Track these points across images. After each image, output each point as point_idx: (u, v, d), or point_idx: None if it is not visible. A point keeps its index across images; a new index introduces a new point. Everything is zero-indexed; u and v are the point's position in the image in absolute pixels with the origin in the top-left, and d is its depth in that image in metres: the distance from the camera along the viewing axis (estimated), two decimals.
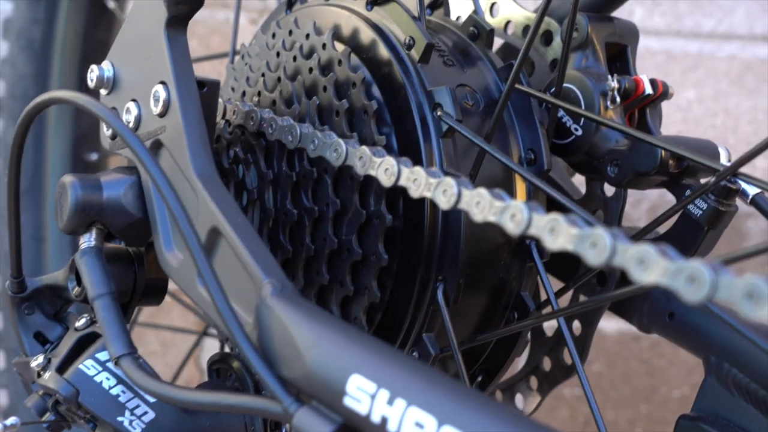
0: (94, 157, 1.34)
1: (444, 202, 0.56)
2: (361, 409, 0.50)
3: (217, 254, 0.63)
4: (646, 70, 0.77)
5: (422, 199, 0.69)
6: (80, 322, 0.71)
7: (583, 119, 0.74)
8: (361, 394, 0.50)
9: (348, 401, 0.50)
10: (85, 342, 0.71)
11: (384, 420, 0.49)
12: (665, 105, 0.77)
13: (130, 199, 0.71)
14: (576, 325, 0.81)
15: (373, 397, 0.49)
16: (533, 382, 0.83)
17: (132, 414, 0.67)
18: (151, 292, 0.76)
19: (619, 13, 0.81)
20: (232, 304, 0.60)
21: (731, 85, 1.44)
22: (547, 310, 0.75)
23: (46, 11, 1.30)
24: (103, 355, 0.69)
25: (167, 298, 0.79)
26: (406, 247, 0.70)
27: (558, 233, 0.50)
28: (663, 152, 0.70)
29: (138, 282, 0.75)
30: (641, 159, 0.71)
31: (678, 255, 0.44)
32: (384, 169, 0.61)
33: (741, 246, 1.46)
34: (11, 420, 0.67)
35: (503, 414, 0.46)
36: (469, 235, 0.69)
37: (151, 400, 0.68)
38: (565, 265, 0.79)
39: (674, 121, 1.46)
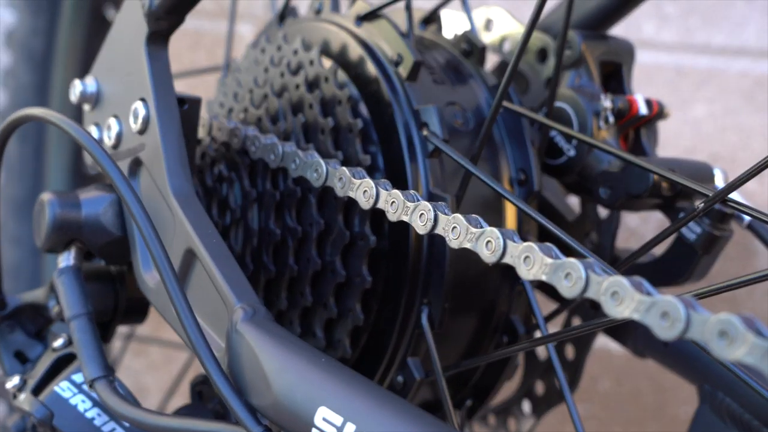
0: (93, 170, 1.33)
1: (421, 227, 0.55)
2: None
3: (192, 276, 0.61)
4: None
5: (407, 224, 0.67)
6: (58, 343, 0.70)
7: (574, 141, 0.72)
8: (329, 426, 0.48)
9: None
10: (63, 363, 0.69)
11: None
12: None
13: (110, 217, 0.69)
14: (569, 347, 0.79)
15: (339, 430, 0.48)
16: (526, 405, 0.81)
17: None
18: (133, 311, 0.75)
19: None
20: (207, 328, 0.58)
21: (742, 101, 1.42)
22: (538, 334, 0.73)
23: (47, 22, 1.30)
24: (78, 377, 0.67)
25: None
26: (390, 270, 0.68)
27: (532, 262, 0.48)
28: (656, 175, 0.68)
29: (119, 300, 0.74)
30: (633, 181, 0.69)
31: (652, 288, 0.42)
32: (363, 191, 0.59)
33: (750, 263, 1.43)
34: None
35: None
36: (455, 257, 0.67)
37: (127, 424, 0.66)
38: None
39: (684, 137, 1.44)
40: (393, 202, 0.57)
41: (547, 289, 0.78)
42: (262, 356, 0.52)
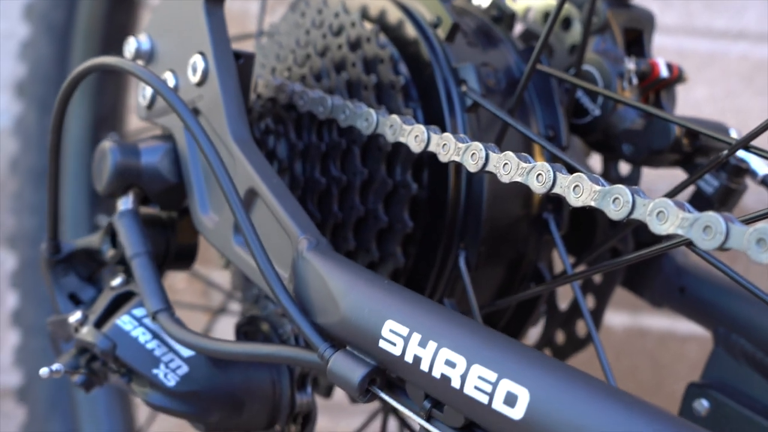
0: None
1: (472, 166, 0.59)
2: (395, 351, 0.53)
3: (253, 214, 0.66)
4: None
5: (446, 172, 0.72)
6: (116, 282, 0.74)
7: (600, 100, 0.77)
8: (395, 337, 0.53)
9: (382, 344, 0.53)
10: (121, 300, 0.73)
11: (417, 360, 0.52)
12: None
13: (167, 165, 0.74)
14: (591, 298, 0.84)
15: (406, 339, 0.52)
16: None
17: (167, 367, 0.70)
18: (182, 256, 0.79)
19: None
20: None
21: (741, 84, 1.47)
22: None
23: None
24: (138, 312, 0.72)
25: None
26: (429, 217, 0.73)
27: (581, 190, 0.53)
28: (677, 130, 0.73)
29: (170, 246, 0.78)
30: (656, 137, 0.74)
31: (692, 208, 0.48)
32: (414, 136, 0.64)
33: None
34: (56, 366, 0.70)
35: (527, 353, 0.49)
36: (491, 207, 0.72)
37: (185, 354, 0.71)
38: (580, 241, 0.82)
39: None
40: (445, 144, 0.62)
41: (568, 244, 0.83)
42: (329, 279, 0.57)
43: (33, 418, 1.35)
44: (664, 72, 0.77)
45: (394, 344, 0.53)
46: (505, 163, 0.58)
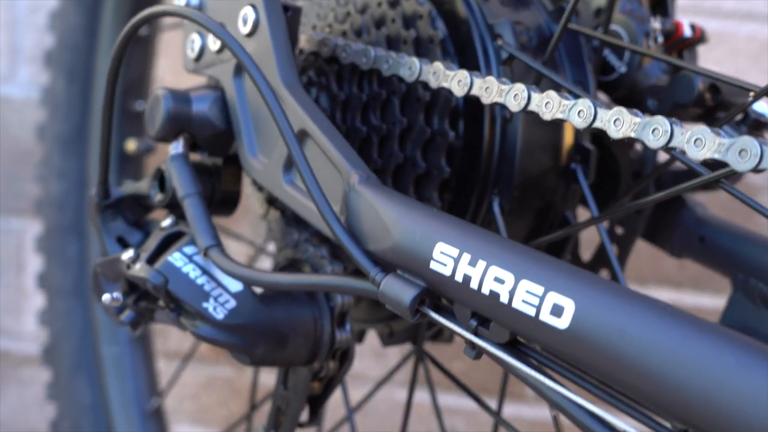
0: (141, 106, 1.40)
1: (515, 105, 0.63)
2: (445, 271, 0.57)
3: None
4: None
5: (481, 123, 0.76)
6: (166, 223, 0.78)
7: (627, 57, 0.81)
8: (446, 258, 0.57)
9: (433, 265, 0.57)
10: (171, 240, 0.77)
11: (466, 279, 0.56)
12: None
13: (216, 112, 0.78)
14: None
15: (456, 260, 0.56)
16: None
17: (216, 301, 0.74)
18: (226, 203, 0.83)
19: None
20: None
21: (749, 64, 1.52)
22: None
23: None
24: (189, 249, 0.76)
25: None
26: (464, 165, 0.77)
27: (622, 123, 0.57)
28: (701, 85, 0.78)
29: (215, 192, 0.82)
30: (680, 91, 0.78)
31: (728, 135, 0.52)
32: (457, 80, 0.68)
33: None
34: (116, 293, 0.74)
35: (571, 269, 0.53)
36: (523, 157, 0.76)
37: (233, 290, 0.75)
38: (603, 198, 0.86)
39: None
40: (488, 87, 0.66)
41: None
42: (380, 208, 0.61)
43: (58, 378, 1.39)
44: (687, 32, 0.81)
45: (445, 265, 0.57)
46: (547, 102, 0.61)
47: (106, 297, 0.73)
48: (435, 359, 0.89)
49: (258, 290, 0.76)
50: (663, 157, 0.94)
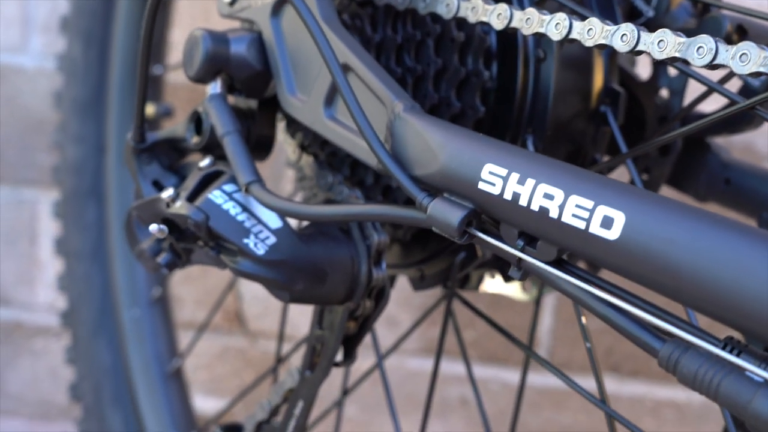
0: (159, 71, 1.41)
1: (556, 35, 0.65)
2: (494, 190, 0.58)
3: None
4: None
5: (515, 62, 0.77)
6: (204, 162, 0.79)
7: (654, 1, 0.82)
8: (494, 178, 0.58)
9: (482, 186, 0.59)
10: (209, 180, 0.78)
11: (515, 196, 0.57)
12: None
13: (253, 52, 0.79)
14: None
15: (505, 179, 0.58)
16: None
17: (256, 237, 0.75)
18: (261, 146, 0.84)
19: None
20: None
21: None
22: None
23: None
24: (228, 188, 0.77)
25: None
26: (498, 106, 0.78)
27: (666, 44, 0.58)
28: (728, 26, 0.79)
29: (250, 135, 0.83)
30: (708, 32, 0.79)
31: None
32: (497, 14, 0.69)
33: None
34: (163, 226, 0.75)
35: (619, 184, 0.55)
36: (557, 98, 0.78)
37: (273, 226, 0.76)
38: (630, 141, 0.88)
39: None
40: (528, 18, 0.67)
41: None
42: (427, 133, 0.62)
43: (77, 342, 1.40)
44: None
45: (493, 185, 0.58)
46: (590, 29, 0.63)
47: (154, 227, 0.74)
48: (467, 300, 0.90)
49: (295, 228, 0.78)
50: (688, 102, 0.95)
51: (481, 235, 0.60)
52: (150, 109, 1.40)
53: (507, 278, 0.91)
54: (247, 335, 1.83)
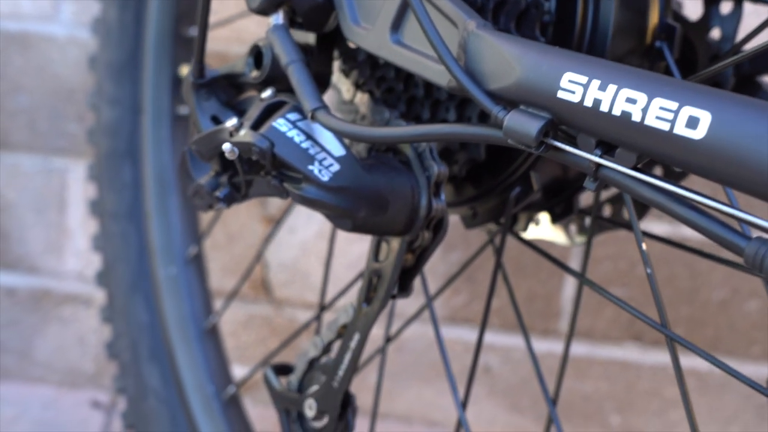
0: (193, 32, 1.42)
1: None
2: (573, 98, 0.59)
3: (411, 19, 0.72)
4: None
5: (574, 3, 0.78)
6: (266, 93, 0.80)
7: None
8: (574, 86, 0.59)
9: (561, 94, 0.60)
10: (272, 110, 0.79)
11: (596, 103, 0.58)
12: None
13: None
14: None
15: (585, 86, 0.59)
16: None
17: (320, 164, 0.76)
18: (318, 83, 0.85)
19: None
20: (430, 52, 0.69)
21: None
22: None
23: None
24: (292, 116, 0.78)
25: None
26: (558, 38, 0.79)
27: None
28: None
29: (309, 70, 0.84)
30: None
31: None
32: None
33: None
34: (228, 146, 0.75)
35: (702, 87, 0.56)
36: (615, 35, 0.79)
37: (336, 154, 0.77)
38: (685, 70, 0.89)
39: None
40: None
41: None
42: (503, 46, 0.63)
43: (114, 300, 1.41)
44: None
45: (573, 92, 0.59)
46: None
47: (226, 146, 0.74)
48: (521, 236, 0.91)
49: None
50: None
51: (559, 144, 0.61)
52: (185, 70, 1.40)
53: (555, 218, 0.92)
54: (273, 303, 1.84)
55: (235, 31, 1.71)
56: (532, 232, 0.96)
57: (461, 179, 0.88)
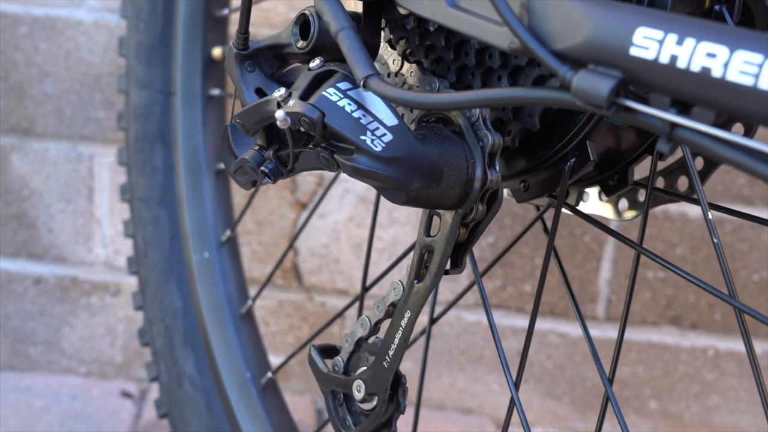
0: (225, 11, 1.40)
1: None
2: (648, 55, 0.56)
3: None
4: None
5: None
6: (314, 63, 0.78)
7: None
8: (648, 42, 0.56)
9: (634, 51, 0.57)
10: (321, 79, 0.77)
11: (673, 59, 0.55)
12: None
13: None
14: None
15: (660, 42, 0.56)
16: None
17: (373, 134, 0.73)
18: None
19: None
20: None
21: None
22: None
23: None
24: (342, 85, 0.75)
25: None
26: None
27: None
28: None
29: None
30: None
31: None
32: None
33: None
34: (282, 114, 0.73)
35: None
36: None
37: (389, 123, 0.74)
38: None
39: None
40: None
41: None
42: (570, 2, 0.60)
43: (146, 286, 1.39)
44: None
45: (647, 49, 0.56)
46: None
47: (280, 114, 0.71)
48: (576, 209, 0.88)
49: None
50: None
51: (632, 104, 0.58)
52: (218, 52, 1.38)
53: (609, 191, 0.89)
54: (303, 290, 1.82)
55: (264, 12, 1.69)
56: (584, 207, 0.93)
57: (512, 151, 0.85)
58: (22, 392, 1.78)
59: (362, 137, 0.73)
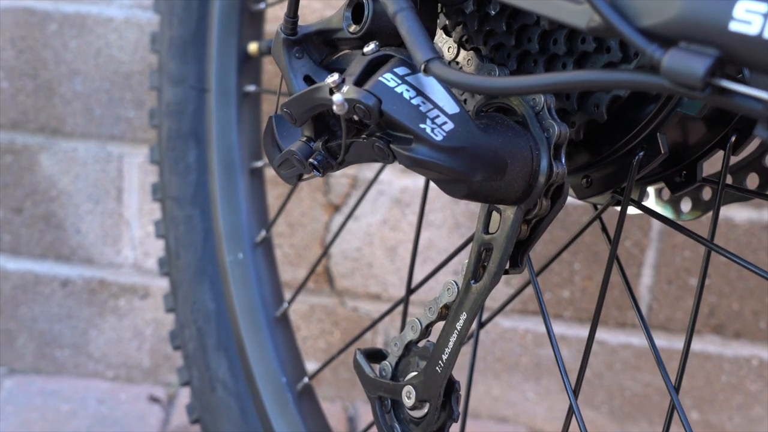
0: (261, 6, 1.36)
1: None
2: (751, 30, 0.51)
3: None
4: None
5: None
6: (369, 48, 0.73)
7: None
8: (751, 15, 0.51)
9: (734, 26, 0.52)
10: (376, 65, 0.72)
11: None
12: None
13: None
14: None
15: (766, 15, 0.51)
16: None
17: (433, 123, 0.68)
18: None
19: None
20: None
21: None
22: None
23: None
24: (400, 71, 0.71)
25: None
26: None
27: None
28: None
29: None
30: None
31: None
32: None
33: None
34: (340, 98, 0.68)
35: None
36: None
37: (450, 111, 0.69)
38: None
39: None
40: None
41: None
42: None
43: (178, 288, 1.35)
44: None
45: (750, 23, 0.51)
46: None
47: (337, 98, 0.67)
48: (643, 205, 0.83)
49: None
50: None
51: (730, 85, 0.53)
52: (254, 47, 1.34)
53: (675, 189, 0.84)
54: (335, 294, 1.77)
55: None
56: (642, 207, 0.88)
57: (575, 144, 0.80)
58: (48, 396, 1.74)
59: (422, 125, 0.68)
